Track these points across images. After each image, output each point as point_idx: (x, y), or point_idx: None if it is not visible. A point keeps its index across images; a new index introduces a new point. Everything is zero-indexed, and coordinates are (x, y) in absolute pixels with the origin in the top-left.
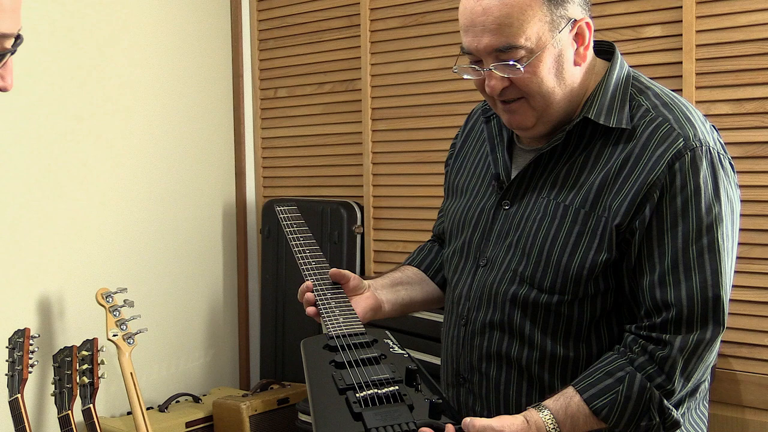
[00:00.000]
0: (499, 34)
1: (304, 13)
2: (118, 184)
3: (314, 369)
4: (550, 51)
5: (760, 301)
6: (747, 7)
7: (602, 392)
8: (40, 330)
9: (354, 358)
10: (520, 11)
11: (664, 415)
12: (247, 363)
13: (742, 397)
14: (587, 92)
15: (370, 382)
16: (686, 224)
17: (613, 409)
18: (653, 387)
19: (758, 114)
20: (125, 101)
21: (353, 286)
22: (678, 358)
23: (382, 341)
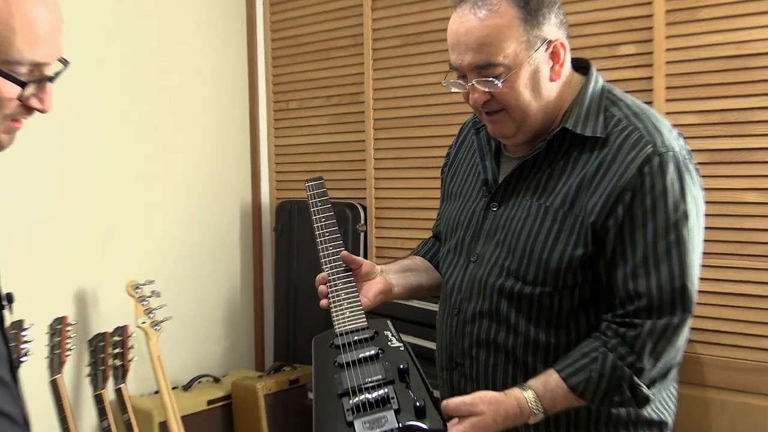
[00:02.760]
0: (480, 53)
1: (313, 33)
2: (148, 187)
3: (320, 369)
4: (526, 68)
5: (721, 292)
6: (712, 28)
7: (578, 370)
8: (76, 318)
9: (353, 359)
10: (499, 32)
11: (635, 391)
12: (261, 347)
13: (705, 378)
14: (565, 104)
15: (364, 386)
16: (655, 221)
17: (588, 386)
18: (624, 365)
19: (721, 124)
20: (156, 114)
21: (366, 271)
22: (647, 339)
23: (382, 333)
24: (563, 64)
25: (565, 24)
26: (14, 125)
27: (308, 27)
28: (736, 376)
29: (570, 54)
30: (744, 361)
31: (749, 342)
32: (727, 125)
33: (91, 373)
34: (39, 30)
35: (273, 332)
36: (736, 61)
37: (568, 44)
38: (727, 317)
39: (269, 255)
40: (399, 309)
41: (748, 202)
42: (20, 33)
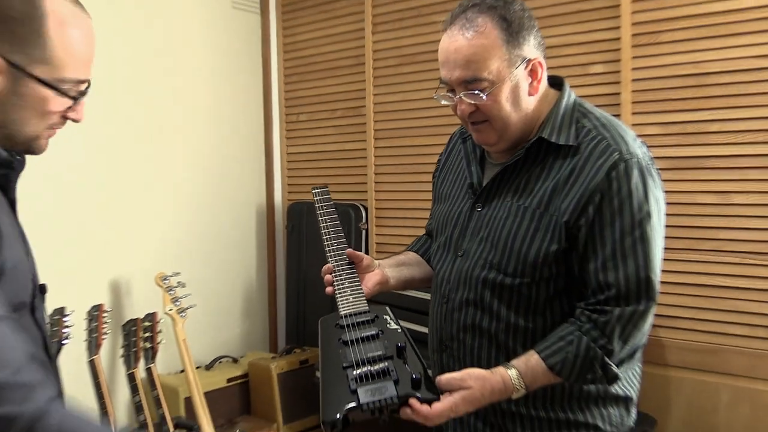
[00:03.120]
0: (467, 69)
1: (321, 54)
2: (175, 190)
3: (326, 345)
4: (507, 83)
5: (680, 282)
6: (672, 50)
7: (556, 352)
8: (111, 305)
9: (356, 337)
10: (484, 50)
11: (606, 370)
12: (275, 331)
13: (666, 358)
14: (542, 116)
15: (366, 359)
16: (622, 220)
17: (565, 365)
18: (596, 347)
19: (681, 134)
20: (182, 124)
21: (366, 264)
22: (616, 324)
23: (381, 317)
24: (540, 81)
25: (543, 45)
26: (52, 132)
27: (316, 48)
28: (693, 357)
29: (546, 72)
30: (699, 343)
31: (704, 326)
32: (686, 135)
33: (125, 354)
34: (84, 52)
35: (285, 318)
36: (694, 79)
37: (544, 63)
38: (685, 305)
39: (281, 250)
40: (396, 297)
41: (704, 203)
42: (71, 55)
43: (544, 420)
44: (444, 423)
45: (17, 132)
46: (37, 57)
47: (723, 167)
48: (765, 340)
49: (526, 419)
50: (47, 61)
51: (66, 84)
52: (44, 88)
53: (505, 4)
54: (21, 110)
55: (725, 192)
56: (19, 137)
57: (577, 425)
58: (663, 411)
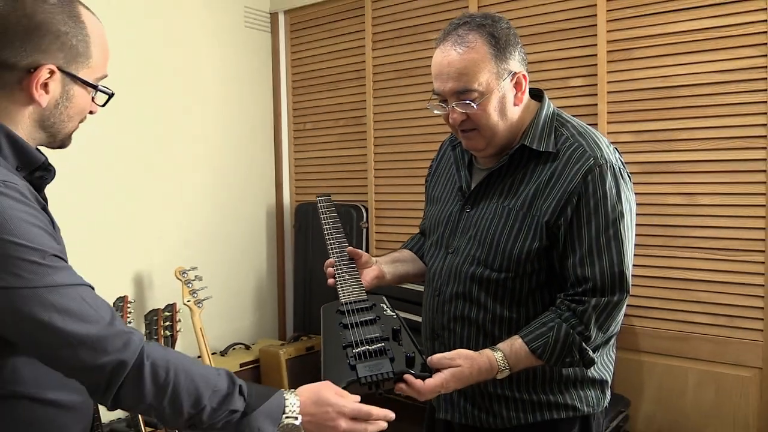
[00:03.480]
0: (459, 81)
1: (325, 68)
2: (193, 192)
3: (327, 329)
4: (495, 94)
5: (652, 276)
6: (644, 65)
7: (538, 337)
8: (135, 297)
9: (355, 321)
10: (475, 64)
11: (583, 354)
12: (283, 321)
13: (639, 345)
14: (524, 125)
15: (365, 340)
16: (597, 220)
17: (546, 349)
18: (575, 333)
19: (652, 141)
20: (200, 132)
21: (364, 261)
22: (592, 313)
23: (378, 305)
24: (524, 92)
25: (526, 60)
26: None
27: (321, 63)
28: (663, 343)
29: (528, 84)
30: (669, 330)
31: (673, 316)
32: (656, 142)
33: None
34: (108, 51)
35: (293, 308)
36: (663, 92)
37: (528, 76)
38: (656, 296)
39: (289, 247)
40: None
41: (673, 204)
42: (104, 55)
43: (527, 402)
44: (437, 405)
45: (60, 131)
46: (84, 62)
47: (690, 171)
48: (728, 328)
49: (511, 401)
50: (90, 63)
51: (100, 81)
52: (88, 90)
53: (493, 22)
54: (68, 111)
55: (692, 194)
56: (60, 135)
57: (557, 406)
58: (636, 393)
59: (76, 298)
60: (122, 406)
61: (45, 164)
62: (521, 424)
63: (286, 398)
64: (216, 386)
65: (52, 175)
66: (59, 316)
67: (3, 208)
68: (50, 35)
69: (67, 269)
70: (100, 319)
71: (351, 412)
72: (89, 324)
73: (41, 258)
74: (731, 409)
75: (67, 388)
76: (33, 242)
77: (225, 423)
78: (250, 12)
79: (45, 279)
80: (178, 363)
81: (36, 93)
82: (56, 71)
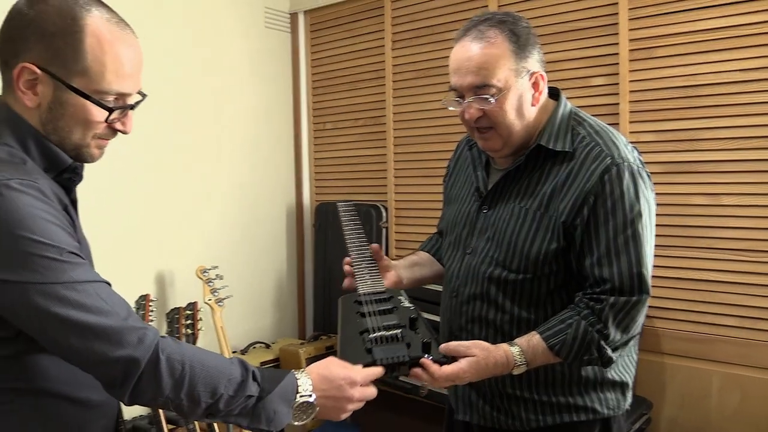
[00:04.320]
0: (478, 75)
1: (345, 68)
2: (214, 192)
3: (345, 317)
4: (513, 92)
5: (675, 277)
6: (666, 64)
7: (556, 333)
8: (157, 295)
9: (373, 310)
10: (495, 59)
11: (601, 352)
12: (303, 320)
13: (661, 347)
14: (541, 125)
15: (381, 326)
16: (615, 220)
17: (564, 346)
18: (594, 331)
19: (674, 141)
20: (220, 133)
21: (384, 264)
22: (610, 311)
23: (396, 297)
24: (541, 92)
25: (543, 61)
26: (102, 142)
27: (341, 63)
28: (686, 345)
29: (547, 84)
30: (692, 333)
31: (697, 318)
32: (679, 142)
33: None
34: (125, 66)
35: (312, 308)
36: (686, 91)
37: (545, 76)
38: (679, 297)
39: (309, 246)
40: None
41: (697, 204)
42: (110, 68)
43: (546, 403)
44: (455, 406)
45: (65, 140)
46: (75, 69)
47: (713, 171)
48: (753, 331)
49: (530, 402)
50: (84, 73)
51: (106, 96)
52: (83, 99)
53: (514, 20)
54: (64, 119)
55: (716, 194)
56: (67, 145)
57: (577, 408)
58: (659, 395)
59: (92, 294)
60: (140, 401)
61: (71, 166)
62: (540, 426)
63: (297, 378)
64: (231, 374)
65: (80, 177)
66: (75, 310)
67: (22, 206)
68: (36, 34)
69: (84, 265)
70: (115, 314)
71: (362, 379)
72: (105, 317)
73: (58, 254)
74: (756, 413)
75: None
76: (50, 239)
77: (241, 409)
78: (271, 12)
79: (62, 275)
80: (193, 355)
81: (20, 92)
82: (38, 71)
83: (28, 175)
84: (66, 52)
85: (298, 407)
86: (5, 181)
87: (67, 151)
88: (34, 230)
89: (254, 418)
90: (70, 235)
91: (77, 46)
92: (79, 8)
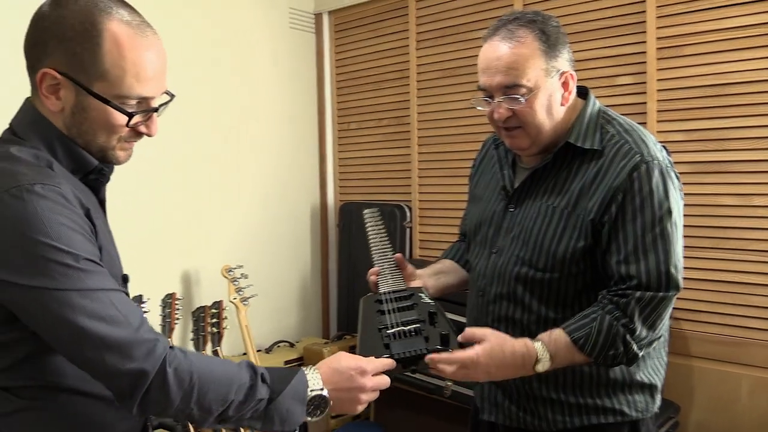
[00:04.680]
0: (508, 75)
1: (369, 68)
2: (239, 192)
3: (365, 315)
4: (543, 91)
5: (703, 279)
6: (695, 62)
7: (580, 327)
8: (183, 294)
9: (392, 307)
10: (525, 59)
11: (627, 347)
12: (327, 319)
13: (690, 349)
14: (569, 124)
15: (400, 322)
16: (643, 217)
17: (588, 340)
18: (619, 325)
19: (703, 141)
20: (245, 133)
21: (409, 273)
22: (636, 305)
23: (416, 294)
24: (571, 92)
25: (573, 60)
26: (127, 145)
27: (365, 63)
28: (715, 348)
29: (576, 83)
30: (721, 335)
31: (726, 320)
32: (708, 141)
33: (194, 338)
34: (146, 70)
35: (336, 307)
36: (715, 89)
37: (575, 75)
38: (708, 299)
39: (333, 246)
40: None
41: (725, 204)
42: (130, 72)
43: (573, 405)
44: (480, 405)
45: (90, 143)
46: (95, 74)
47: (743, 171)
48: None
49: (556, 404)
50: (104, 77)
51: (128, 100)
52: (104, 104)
53: (544, 19)
54: (87, 123)
55: (746, 194)
56: (92, 147)
57: (605, 410)
58: (687, 399)
59: (106, 302)
60: (150, 411)
61: (97, 168)
62: (567, 427)
63: (307, 374)
64: (240, 380)
65: (106, 178)
66: (88, 319)
67: (41, 210)
68: (55, 39)
69: (100, 273)
70: (128, 324)
71: (373, 369)
72: (118, 328)
73: (74, 261)
74: None
75: None
76: (68, 245)
77: (253, 413)
78: (295, 13)
79: (77, 282)
80: (200, 364)
81: (44, 97)
82: (59, 77)
83: (52, 179)
84: (85, 57)
85: (310, 401)
86: (28, 185)
87: (93, 153)
88: (52, 235)
89: (267, 421)
90: (89, 242)
91: (96, 51)
92: (98, 12)
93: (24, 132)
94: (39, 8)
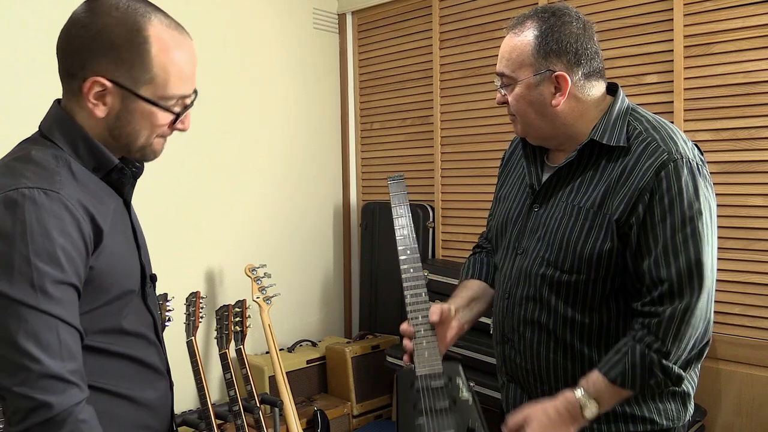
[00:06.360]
0: (501, 63)
1: (392, 68)
2: (262, 192)
3: (402, 407)
4: (524, 85)
5: (732, 281)
6: (723, 60)
7: (614, 365)
8: (206, 293)
9: (430, 406)
10: (513, 50)
11: (666, 372)
12: (350, 319)
13: (717, 352)
14: (594, 121)
15: None
16: (672, 217)
17: (626, 376)
18: (651, 352)
19: (731, 140)
20: (269, 133)
21: (444, 318)
22: (668, 325)
23: (454, 383)
24: (564, 95)
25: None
26: (163, 140)
27: (388, 63)
28: (743, 351)
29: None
30: (749, 338)
31: (754, 323)
32: (736, 141)
33: (218, 336)
34: (185, 70)
35: (359, 307)
36: (744, 88)
37: (570, 80)
38: (736, 302)
39: (356, 246)
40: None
41: (755, 205)
42: (173, 74)
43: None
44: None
45: (132, 143)
46: (143, 79)
47: None
48: None
49: None
50: (151, 81)
51: (170, 100)
52: (150, 106)
53: (559, 16)
54: (133, 125)
55: None
56: (133, 147)
57: (634, 419)
58: (713, 402)
59: (52, 329)
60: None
61: (119, 166)
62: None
63: None
64: None
65: (127, 177)
66: (25, 335)
67: (29, 219)
68: (103, 48)
69: (63, 302)
70: (60, 358)
71: None
72: (48, 356)
73: (39, 280)
74: None
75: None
76: (44, 262)
77: None
78: (319, 13)
79: (33, 300)
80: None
81: (90, 104)
82: (108, 84)
83: (55, 184)
84: (134, 63)
85: None
86: (26, 189)
87: (132, 153)
88: (32, 249)
89: None
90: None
91: (144, 57)
92: (140, 18)
93: (49, 130)
94: (74, 16)
